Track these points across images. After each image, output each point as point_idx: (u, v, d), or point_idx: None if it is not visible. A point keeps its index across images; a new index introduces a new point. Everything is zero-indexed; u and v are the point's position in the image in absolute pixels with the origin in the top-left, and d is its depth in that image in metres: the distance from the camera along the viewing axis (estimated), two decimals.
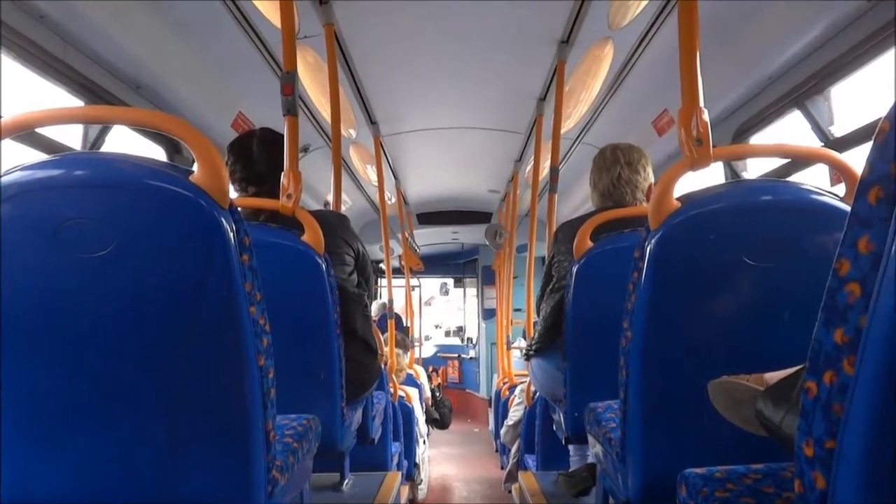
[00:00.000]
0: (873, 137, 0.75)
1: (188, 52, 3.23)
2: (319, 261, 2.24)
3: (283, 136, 2.45)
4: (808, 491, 0.82)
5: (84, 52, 2.72)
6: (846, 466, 0.75)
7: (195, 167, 1.35)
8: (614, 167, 2.78)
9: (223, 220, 1.33)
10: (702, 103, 1.69)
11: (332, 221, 2.55)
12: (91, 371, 1.38)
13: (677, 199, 1.58)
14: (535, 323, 2.97)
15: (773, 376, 1.23)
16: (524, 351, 3.12)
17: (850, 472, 0.74)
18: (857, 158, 2.49)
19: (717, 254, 1.56)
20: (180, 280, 1.35)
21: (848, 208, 1.51)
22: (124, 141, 3.23)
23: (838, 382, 0.76)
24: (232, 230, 1.34)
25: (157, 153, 3.50)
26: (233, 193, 2.49)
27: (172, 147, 3.55)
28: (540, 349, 2.86)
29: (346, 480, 2.99)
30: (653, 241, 1.58)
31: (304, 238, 2.22)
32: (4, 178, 1.31)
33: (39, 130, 2.47)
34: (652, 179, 2.83)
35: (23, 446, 1.42)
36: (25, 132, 1.46)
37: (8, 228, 1.30)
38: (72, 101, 2.78)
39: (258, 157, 2.47)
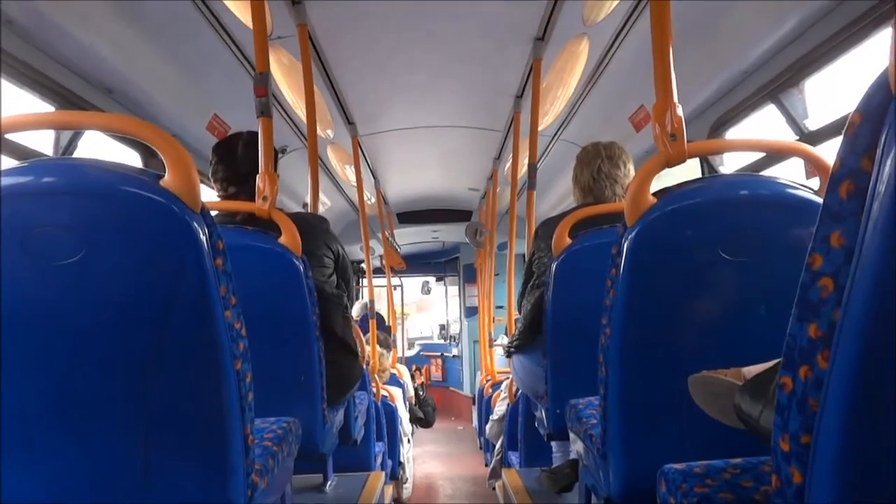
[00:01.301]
0: (843, 131, 0.75)
1: (160, 54, 3.19)
2: (297, 262, 2.23)
3: None
4: (785, 486, 0.82)
5: (53, 57, 2.68)
6: (822, 461, 0.75)
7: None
8: (595, 160, 2.81)
9: (195, 224, 1.31)
10: (676, 98, 1.69)
11: (311, 223, 2.54)
12: (64, 379, 1.37)
13: (653, 194, 1.58)
14: (516, 320, 2.97)
15: (751, 370, 1.24)
16: (505, 348, 3.12)
17: (825, 467, 0.75)
18: (831, 152, 2.51)
19: (694, 249, 1.57)
20: (153, 285, 1.34)
21: (821, 202, 1.53)
22: (98, 145, 3.20)
23: (813, 377, 0.76)
24: (204, 234, 1.33)
25: (133, 157, 3.46)
26: (213, 194, 2.48)
27: (147, 151, 3.51)
28: (521, 346, 2.86)
29: (330, 481, 2.98)
30: (629, 237, 1.58)
31: (281, 240, 2.21)
32: None
33: (9, 136, 2.44)
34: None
35: None
36: None
37: None
38: (43, 107, 2.74)
39: (242, 157, 2.45)
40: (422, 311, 15.13)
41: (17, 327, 1.33)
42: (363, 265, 9.21)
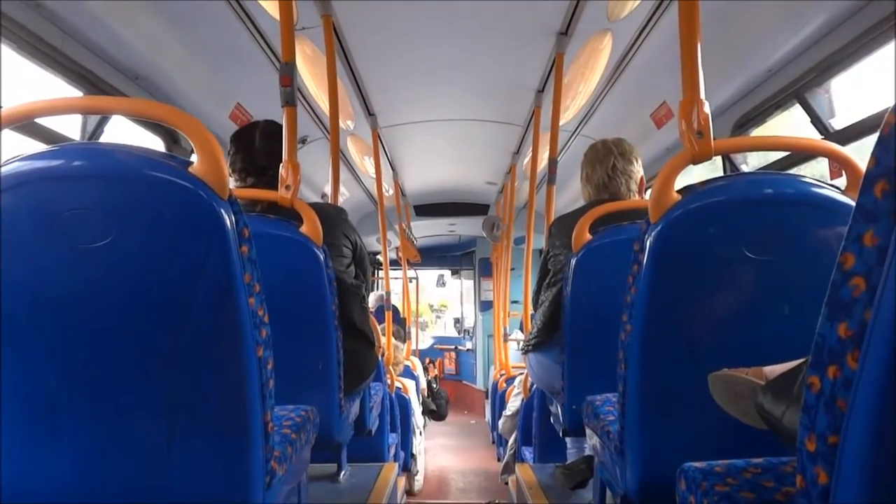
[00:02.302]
0: (879, 130, 0.74)
1: (187, 43, 3.22)
2: (318, 252, 2.24)
3: (281, 128, 2.44)
4: (811, 486, 0.82)
5: (82, 43, 2.71)
6: (849, 462, 0.74)
7: (193, 158, 1.35)
8: (608, 158, 2.80)
9: (222, 210, 1.32)
10: (702, 95, 1.68)
11: (330, 214, 2.54)
12: (88, 362, 1.38)
13: (677, 191, 1.58)
14: (532, 317, 2.96)
15: (773, 370, 1.23)
16: (522, 345, 3.12)
17: (853, 468, 0.74)
18: (859, 152, 2.49)
19: (718, 247, 1.56)
20: (179, 271, 1.34)
21: (849, 201, 1.52)
22: (122, 132, 3.22)
23: (842, 377, 0.76)
24: (231, 221, 1.33)
25: (155, 144, 3.49)
26: (231, 184, 2.49)
27: (170, 138, 3.54)
28: (539, 344, 2.85)
29: (344, 471, 2.99)
30: (653, 234, 1.57)
31: (303, 229, 2.22)
32: (4, 169, 1.30)
33: (38, 121, 2.46)
34: (642, 172, 2.84)
35: (20, 440, 1.42)
36: (25, 122, 1.45)
37: (7, 219, 1.29)
38: (70, 92, 2.77)
39: (260, 148, 2.46)
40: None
41: (43, 310, 1.35)
42: (379, 257, 9.24)
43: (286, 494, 1.77)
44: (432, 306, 16.07)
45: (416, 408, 6.08)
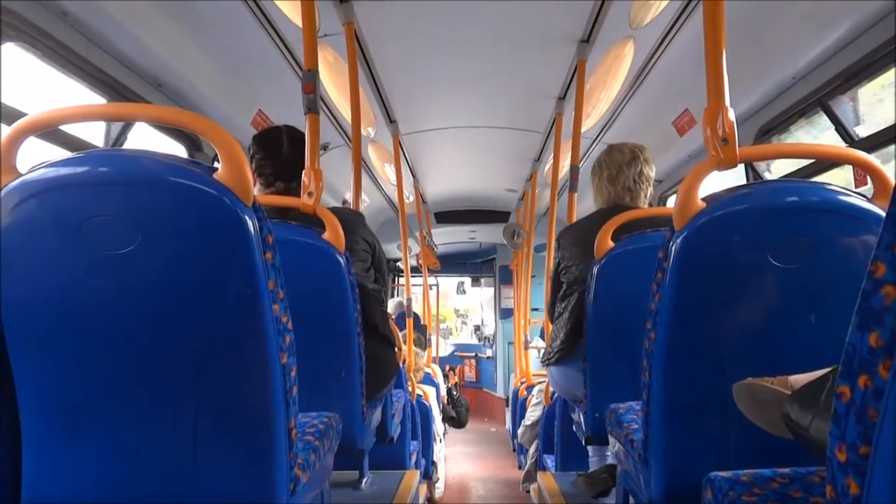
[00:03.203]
0: None
1: (209, 50, 3.25)
2: (340, 259, 2.24)
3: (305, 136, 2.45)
4: (841, 496, 0.81)
5: (106, 50, 2.74)
6: (881, 472, 0.73)
7: (216, 164, 1.35)
8: (634, 163, 2.81)
9: (246, 217, 1.33)
10: (727, 102, 1.67)
11: (349, 218, 2.54)
12: (113, 368, 1.39)
13: (702, 199, 1.57)
14: (551, 331, 2.94)
15: (799, 379, 1.22)
16: (542, 358, 3.09)
17: (884, 478, 0.73)
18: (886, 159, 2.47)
19: (743, 255, 1.55)
20: (203, 277, 1.36)
21: (876, 209, 1.51)
22: (143, 140, 3.25)
23: (873, 387, 0.75)
24: (255, 228, 1.34)
25: (177, 151, 3.52)
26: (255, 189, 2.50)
27: (193, 145, 3.57)
28: (561, 358, 2.83)
29: (366, 478, 2.99)
30: (678, 241, 1.56)
31: (325, 236, 2.22)
32: (29, 176, 1.32)
33: (63, 128, 2.48)
34: None
35: (46, 444, 1.43)
36: (49, 129, 1.47)
37: (32, 225, 1.31)
38: (93, 99, 2.80)
39: (288, 153, 2.46)
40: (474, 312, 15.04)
41: (68, 316, 1.36)
42: (400, 264, 9.23)
43: (310, 501, 1.78)
44: (458, 311, 16.01)
45: (437, 415, 6.07)
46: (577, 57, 3.76)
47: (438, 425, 6.12)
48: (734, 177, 3.55)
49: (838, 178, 3.07)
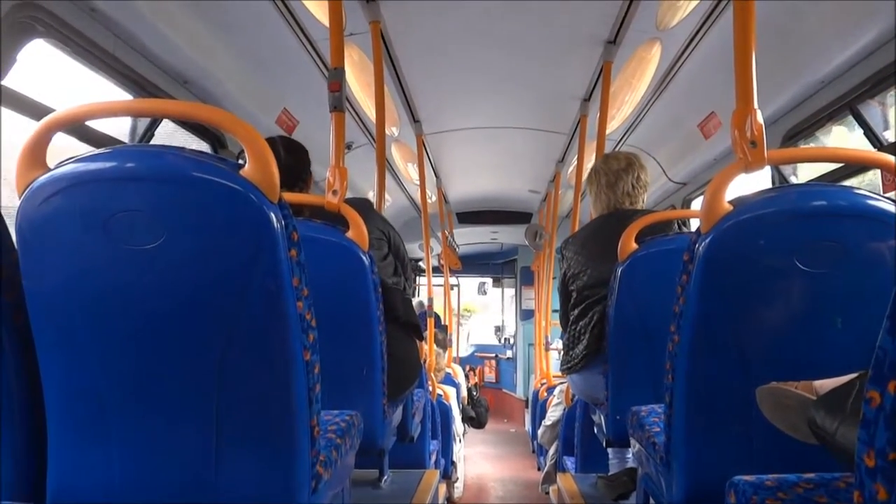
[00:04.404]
0: None
1: (235, 48, 3.27)
2: (363, 257, 2.25)
3: (302, 146, 2.50)
4: (869, 502, 0.80)
5: (133, 47, 2.75)
6: None
7: (240, 161, 1.36)
8: (632, 169, 2.87)
9: (272, 214, 1.33)
10: (755, 104, 1.66)
11: (359, 210, 2.54)
12: (138, 363, 1.41)
13: (729, 202, 1.56)
14: (568, 340, 2.92)
15: (824, 384, 1.21)
16: (562, 367, 3.08)
17: None
18: None
19: (769, 258, 1.54)
20: (228, 273, 1.36)
21: None
22: (166, 137, 3.27)
23: None
24: (280, 225, 1.35)
25: (201, 148, 3.54)
26: None
27: (217, 142, 3.59)
28: (586, 364, 2.81)
29: (385, 477, 3.00)
30: (703, 243, 1.55)
31: (349, 234, 2.23)
32: (57, 171, 1.33)
33: (89, 124, 2.51)
34: None
35: (71, 440, 1.45)
36: (76, 125, 1.48)
37: (60, 220, 1.32)
38: (120, 96, 2.82)
39: (286, 162, 2.46)
40: (487, 309, 15.02)
41: (94, 311, 1.37)
42: (422, 263, 9.24)
43: (331, 499, 1.78)
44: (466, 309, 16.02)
45: (457, 415, 6.07)
46: (602, 58, 3.75)
47: (458, 425, 6.12)
48: (758, 181, 3.53)
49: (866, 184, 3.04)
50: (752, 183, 1.83)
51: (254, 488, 1.44)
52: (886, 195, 1.59)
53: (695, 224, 1.63)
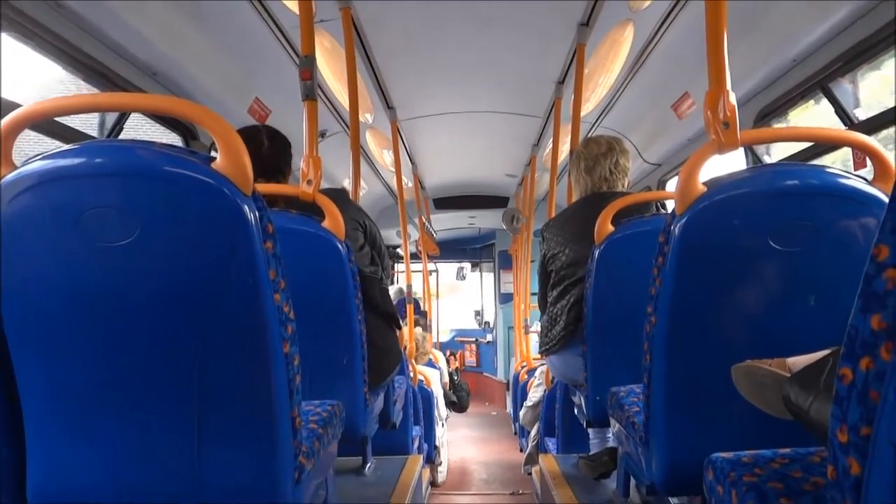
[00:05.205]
0: None
1: (204, 37, 3.23)
2: (340, 247, 2.24)
3: (286, 139, 2.49)
4: (842, 477, 0.82)
5: (100, 40, 2.70)
6: (882, 452, 0.74)
7: (213, 153, 1.35)
8: (610, 154, 2.90)
9: (246, 207, 1.32)
10: (728, 86, 1.67)
11: (335, 200, 2.53)
12: (115, 361, 1.39)
13: (703, 183, 1.57)
14: (547, 322, 2.94)
15: (796, 361, 1.23)
16: (541, 349, 3.10)
17: (885, 459, 0.74)
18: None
19: (744, 238, 1.55)
20: (204, 268, 1.35)
21: (877, 192, 1.51)
22: (137, 130, 3.24)
23: (875, 369, 0.75)
24: (255, 217, 1.34)
25: (174, 139, 3.51)
26: None
27: (188, 134, 3.55)
28: (564, 345, 2.84)
29: (369, 464, 3.01)
30: (679, 225, 1.57)
31: (325, 224, 2.22)
32: (25, 168, 1.31)
33: (58, 119, 2.47)
34: None
35: (51, 437, 1.44)
36: (44, 121, 1.46)
37: (30, 218, 1.30)
38: (88, 90, 2.78)
39: (269, 150, 2.45)
40: (455, 291, 15.00)
41: (70, 309, 1.36)
42: (399, 250, 9.22)
43: (314, 488, 1.79)
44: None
45: (440, 399, 6.09)
46: (576, 40, 3.75)
47: (441, 409, 6.14)
48: (732, 162, 3.56)
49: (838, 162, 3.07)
50: (727, 163, 1.84)
51: (237, 481, 1.44)
52: (857, 173, 1.61)
53: (671, 205, 1.64)
